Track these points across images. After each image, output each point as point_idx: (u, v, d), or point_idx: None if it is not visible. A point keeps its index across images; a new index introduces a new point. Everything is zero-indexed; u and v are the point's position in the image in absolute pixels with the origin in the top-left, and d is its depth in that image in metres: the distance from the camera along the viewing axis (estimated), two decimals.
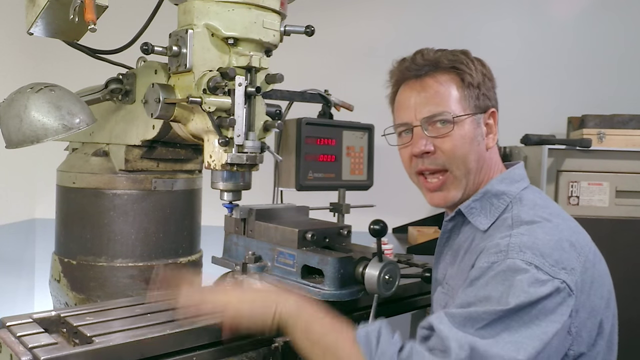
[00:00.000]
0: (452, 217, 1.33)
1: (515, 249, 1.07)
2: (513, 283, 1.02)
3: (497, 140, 1.33)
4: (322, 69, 3.21)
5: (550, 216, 1.19)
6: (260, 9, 1.47)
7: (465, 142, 1.25)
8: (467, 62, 1.29)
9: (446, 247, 1.39)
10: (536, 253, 1.06)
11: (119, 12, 1.83)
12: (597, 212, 2.48)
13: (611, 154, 2.51)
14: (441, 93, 1.26)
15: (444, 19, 3.29)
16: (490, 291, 1.04)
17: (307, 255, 1.39)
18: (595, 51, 3.27)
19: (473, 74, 1.27)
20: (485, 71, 1.31)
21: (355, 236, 1.54)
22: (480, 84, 1.28)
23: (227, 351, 1.26)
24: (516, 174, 1.32)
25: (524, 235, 1.11)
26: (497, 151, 1.35)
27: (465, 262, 1.25)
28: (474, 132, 1.27)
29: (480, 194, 1.28)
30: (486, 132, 1.30)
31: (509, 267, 1.05)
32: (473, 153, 1.27)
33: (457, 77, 1.27)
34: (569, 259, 1.09)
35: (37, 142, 1.45)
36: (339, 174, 2.04)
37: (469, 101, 1.27)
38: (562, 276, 1.05)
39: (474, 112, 1.27)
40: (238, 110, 1.43)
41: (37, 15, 1.49)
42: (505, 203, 1.25)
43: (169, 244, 1.74)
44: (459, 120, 1.25)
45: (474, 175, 1.28)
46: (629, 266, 2.35)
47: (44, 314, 1.28)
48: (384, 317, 1.48)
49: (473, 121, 1.27)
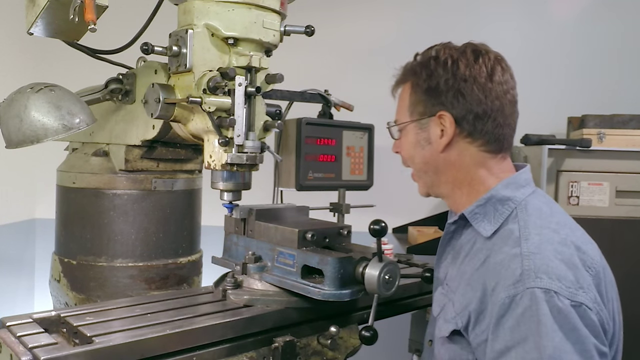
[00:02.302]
0: (455, 221, 1.33)
1: (531, 276, 1.07)
2: (541, 320, 1.03)
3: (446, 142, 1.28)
4: (322, 69, 3.21)
5: (557, 226, 1.18)
6: (260, 9, 1.47)
7: (409, 146, 1.36)
8: (422, 69, 1.30)
9: (448, 247, 1.39)
10: (552, 277, 1.06)
11: (119, 12, 1.83)
12: (597, 212, 2.48)
13: (611, 154, 2.51)
14: (400, 103, 1.39)
15: (444, 19, 3.29)
16: (525, 332, 1.04)
17: (307, 255, 1.38)
18: (595, 51, 3.26)
19: (423, 79, 1.29)
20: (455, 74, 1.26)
21: (355, 236, 1.54)
22: (432, 89, 1.28)
23: (227, 351, 1.26)
24: (522, 178, 1.30)
25: (536, 255, 1.10)
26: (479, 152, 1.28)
27: (465, 266, 1.25)
28: (417, 137, 1.33)
29: (484, 199, 1.26)
30: (440, 135, 1.28)
31: (532, 301, 1.05)
32: (418, 156, 1.35)
33: (410, 84, 1.35)
34: (583, 276, 1.10)
35: (37, 142, 1.45)
36: (339, 174, 2.04)
37: (415, 107, 1.33)
38: (581, 297, 1.06)
39: (419, 118, 1.32)
40: (238, 110, 1.43)
41: (37, 15, 1.49)
42: (510, 209, 1.24)
43: (169, 244, 1.74)
44: (404, 127, 1.37)
45: (429, 175, 1.35)
46: (629, 266, 2.34)
47: (44, 314, 1.28)
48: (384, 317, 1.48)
49: (416, 126, 1.33)
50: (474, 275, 1.20)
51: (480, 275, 1.18)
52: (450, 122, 1.27)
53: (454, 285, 1.27)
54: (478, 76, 1.26)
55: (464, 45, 1.31)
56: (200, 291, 1.54)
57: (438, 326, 1.28)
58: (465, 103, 1.26)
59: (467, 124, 1.27)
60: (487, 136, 1.27)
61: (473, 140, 1.28)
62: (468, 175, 1.30)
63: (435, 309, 1.33)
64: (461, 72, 1.26)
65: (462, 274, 1.24)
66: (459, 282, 1.25)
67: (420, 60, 1.34)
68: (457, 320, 1.20)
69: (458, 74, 1.26)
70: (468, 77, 1.26)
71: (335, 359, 1.41)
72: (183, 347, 1.20)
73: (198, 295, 1.49)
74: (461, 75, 1.26)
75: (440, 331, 1.26)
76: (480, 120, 1.26)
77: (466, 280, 1.22)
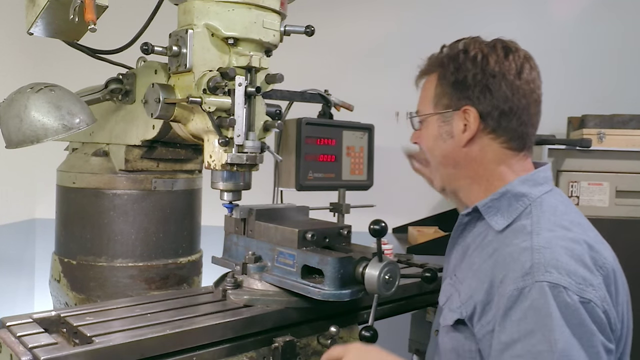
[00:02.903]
0: (468, 212, 1.33)
1: (541, 270, 1.07)
2: (550, 313, 1.03)
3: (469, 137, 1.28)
4: (322, 69, 3.21)
5: (570, 225, 1.18)
6: (260, 9, 1.47)
7: (429, 139, 1.35)
8: (450, 61, 1.29)
9: (460, 239, 1.39)
10: (561, 272, 1.06)
11: (119, 12, 1.83)
12: (597, 212, 2.48)
13: (611, 154, 2.51)
14: (424, 94, 1.37)
15: (444, 19, 3.28)
16: (532, 325, 1.04)
17: (307, 255, 1.38)
18: (595, 51, 3.26)
19: (451, 72, 1.28)
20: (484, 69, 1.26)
21: (355, 236, 1.54)
22: (458, 82, 1.27)
23: (227, 351, 1.26)
24: (540, 176, 1.30)
25: (547, 250, 1.10)
26: (499, 148, 1.29)
27: (474, 257, 1.26)
28: (439, 130, 1.32)
29: (499, 193, 1.26)
30: (463, 130, 1.28)
31: (540, 294, 1.05)
32: (437, 149, 1.33)
33: (436, 75, 1.33)
34: (593, 275, 1.09)
35: (37, 142, 1.45)
36: (339, 174, 2.04)
37: (439, 99, 1.31)
38: (590, 294, 1.06)
39: (443, 111, 1.30)
40: (238, 110, 1.43)
41: (37, 15, 1.49)
42: (525, 205, 1.24)
43: (169, 244, 1.74)
44: (425, 119, 1.35)
45: (448, 169, 1.33)
46: (629, 266, 2.33)
47: (44, 314, 1.28)
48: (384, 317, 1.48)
49: (439, 119, 1.32)
50: (481, 267, 1.21)
51: (488, 266, 1.18)
52: (475, 118, 1.27)
53: (462, 276, 1.28)
54: (507, 73, 1.26)
55: (493, 41, 1.31)
56: (200, 291, 1.54)
57: (443, 315, 1.29)
58: (492, 99, 1.26)
59: (492, 120, 1.27)
60: (511, 134, 1.27)
61: (496, 137, 1.28)
62: (487, 171, 1.30)
63: (442, 299, 1.34)
64: (490, 68, 1.26)
65: (471, 265, 1.25)
66: (466, 273, 1.26)
67: (448, 52, 1.32)
68: (462, 310, 1.20)
69: (487, 70, 1.26)
70: (497, 73, 1.26)
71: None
72: (183, 347, 1.20)
73: (198, 295, 1.49)
74: (490, 71, 1.26)
75: (445, 320, 1.27)
76: (505, 117, 1.26)
77: (474, 271, 1.22)
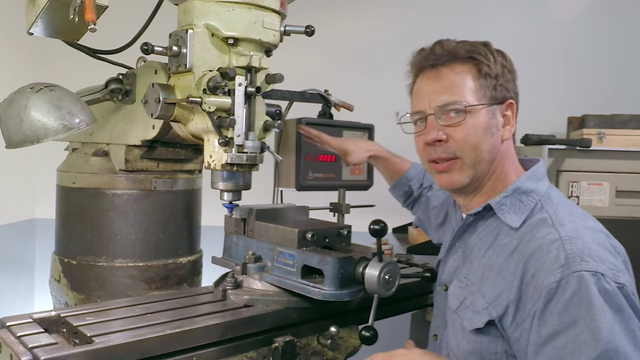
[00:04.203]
0: (477, 212, 1.31)
1: (577, 260, 1.08)
2: (592, 302, 1.04)
3: (514, 132, 1.30)
4: (322, 69, 3.21)
5: (583, 215, 1.22)
6: (260, 9, 1.47)
7: (477, 132, 1.25)
8: (485, 53, 1.27)
9: (460, 241, 1.38)
10: (597, 260, 1.08)
11: (119, 12, 1.83)
12: (597, 212, 2.47)
13: (611, 154, 2.51)
14: (456, 83, 1.27)
15: (443, 20, 3.29)
16: (574, 315, 1.05)
17: (307, 255, 1.38)
18: (595, 51, 3.26)
19: (491, 64, 1.26)
20: (505, 63, 1.29)
21: (355, 236, 1.54)
22: (499, 75, 1.27)
23: (227, 351, 1.26)
24: (540, 171, 1.32)
25: (577, 240, 1.12)
26: (512, 144, 1.32)
27: (490, 258, 1.24)
28: (488, 123, 1.26)
29: (510, 190, 1.27)
30: (503, 124, 1.29)
31: (580, 284, 1.06)
32: (486, 143, 1.26)
33: (474, 67, 1.27)
34: (618, 261, 1.13)
35: (37, 142, 1.45)
36: (339, 174, 2.04)
37: (484, 91, 1.26)
38: (623, 279, 1.09)
39: (490, 103, 1.26)
40: (238, 110, 1.43)
41: (37, 15, 1.49)
42: (535, 201, 1.25)
43: (169, 244, 1.74)
44: (472, 109, 1.25)
45: (485, 164, 1.28)
46: None
47: (44, 314, 1.28)
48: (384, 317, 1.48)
49: (488, 112, 1.26)
50: (504, 265, 1.20)
51: (512, 264, 1.18)
52: (513, 111, 1.29)
53: (477, 278, 1.26)
54: (513, 69, 1.30)
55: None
56: (200, 291, 1.54)
57: (466, 319, 1.24)
58: (516, 94, 1.29)
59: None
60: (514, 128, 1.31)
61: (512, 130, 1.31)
62: (505, 168, 1.31)
63: (454, 303, 1.30)
64: (509, 62, 1.28)
65: (491, 266, 1.23)
66: (486, 274, 1.23)
67: (473, 43, 1.29)
68: (491, 310, 1.18)
69: (507, 64, 1.28)
70: (512, 68, 1.29)
71: (335, 359, 1.41)
72: (183, 347, 1.20)
73: (198, 295, 1.49)
74: (509, 66, 1.29)
75: (472, 323, 1.22)
76: (517, 113, 1.31)
77: (496, 271, 1.21)
